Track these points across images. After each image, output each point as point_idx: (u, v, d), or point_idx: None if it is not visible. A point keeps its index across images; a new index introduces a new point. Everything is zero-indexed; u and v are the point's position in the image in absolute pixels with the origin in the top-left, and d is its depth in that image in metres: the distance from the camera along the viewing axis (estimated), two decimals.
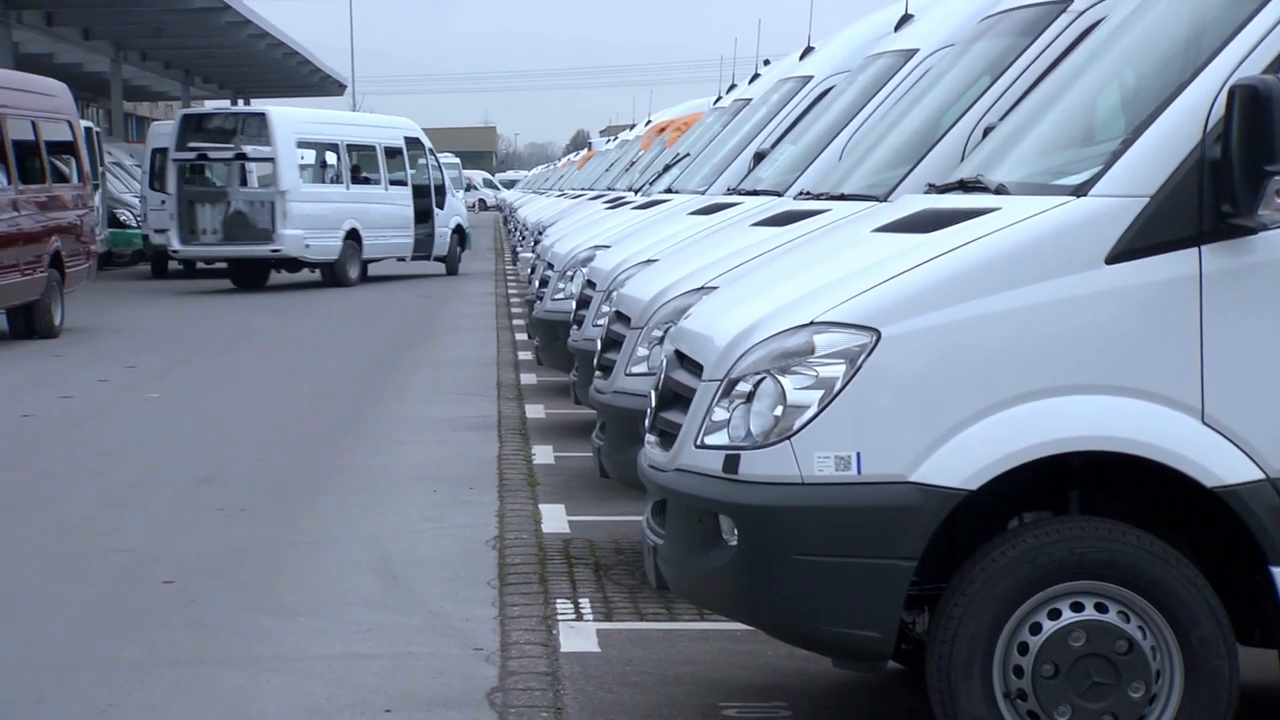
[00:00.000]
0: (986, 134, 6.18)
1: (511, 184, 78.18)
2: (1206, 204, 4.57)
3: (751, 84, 14.24)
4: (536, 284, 14.15)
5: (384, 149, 30.93)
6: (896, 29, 9.29)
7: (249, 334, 20.56)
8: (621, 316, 8.08)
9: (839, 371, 4.61)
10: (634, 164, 20.91)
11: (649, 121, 24.95)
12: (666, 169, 14.26)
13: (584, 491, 9.46)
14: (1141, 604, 4.59)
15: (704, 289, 7.00)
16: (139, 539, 8.49)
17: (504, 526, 8.61)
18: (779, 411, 4.65)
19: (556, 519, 8.79)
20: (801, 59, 11.70)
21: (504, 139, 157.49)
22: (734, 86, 16.42)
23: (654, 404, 5.40)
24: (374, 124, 32.79)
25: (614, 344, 8.00)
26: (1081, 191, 4.70)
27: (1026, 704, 4.60)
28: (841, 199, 7.52)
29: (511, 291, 26.94)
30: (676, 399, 5.22)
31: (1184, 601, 4.58)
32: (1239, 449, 4.57)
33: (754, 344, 4.78)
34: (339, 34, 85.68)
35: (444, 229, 32.15)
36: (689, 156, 13.60)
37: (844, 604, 4.60)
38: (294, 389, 14.93)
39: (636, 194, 15.30)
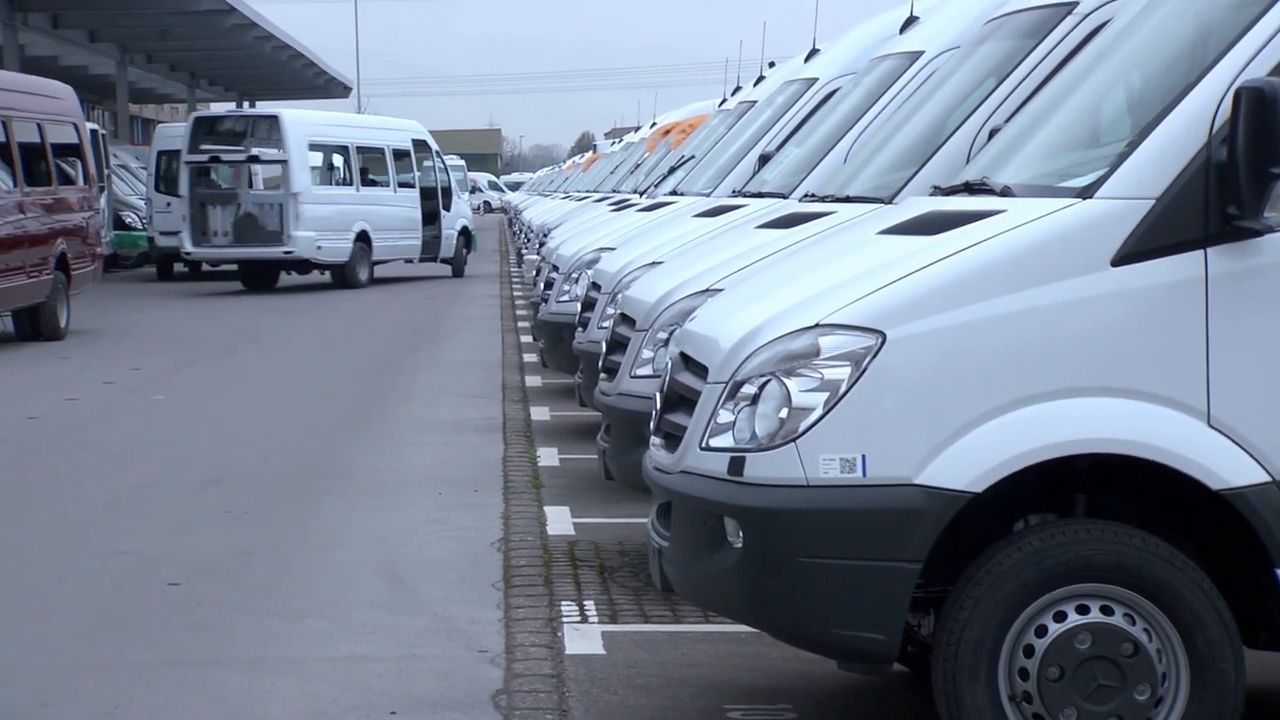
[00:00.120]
0: (992, 136, 6.17)
1: (516, 186, 78.21)
2: (1212, 206, 4.57)
3: (756, 86, 14.23)
4: (541, 286, 14.15)
5: (392, 151, 31.05)
6: (902, 31, 9.28)
7: (254, 336, 20.58)
8: (626, 319, 8.08)
9: (844, 374, 4.61)
10: (639, 166, 20.91)
11: (654, 124, 24.94)
12: (671, 171, 14.26)
13: (589, 494, 9.46)
14: (1147, 607, 4.59)
15: (709, 291, 6.99)
16: (144, 541, 8.50)
17: (509, 529, 8.61)
18: (784, 414, 4.64)
19: (561, 521, 8.79)
20: (806, 61, 11.70)
21: (509, 141, 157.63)
22: (739, 89, 16.41)
23: (659, 406, 5.40)
24: (382, 126, 32.86)
25: (619, 346, 8.00)
26: (1087, 194, 4.69)
27: (1032, 707, 4.59)
28: (847, 201, 7.52)
29: (516, 294, 26.95)
30: (682, 401, 5.22)
31: (1190, 604, 4.58)
32: (1245, 451, 4.57)
33: (759, 346, 4.77)
34: (344, 36, 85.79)
35: (450, 231, 32.24)
36: (694, 159, 13.59)
37: (849, 606, 4.60)
38: (299, 391, 14.94)
39: (641, 196, 15.31)
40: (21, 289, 18.53)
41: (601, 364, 8.22)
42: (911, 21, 9.24)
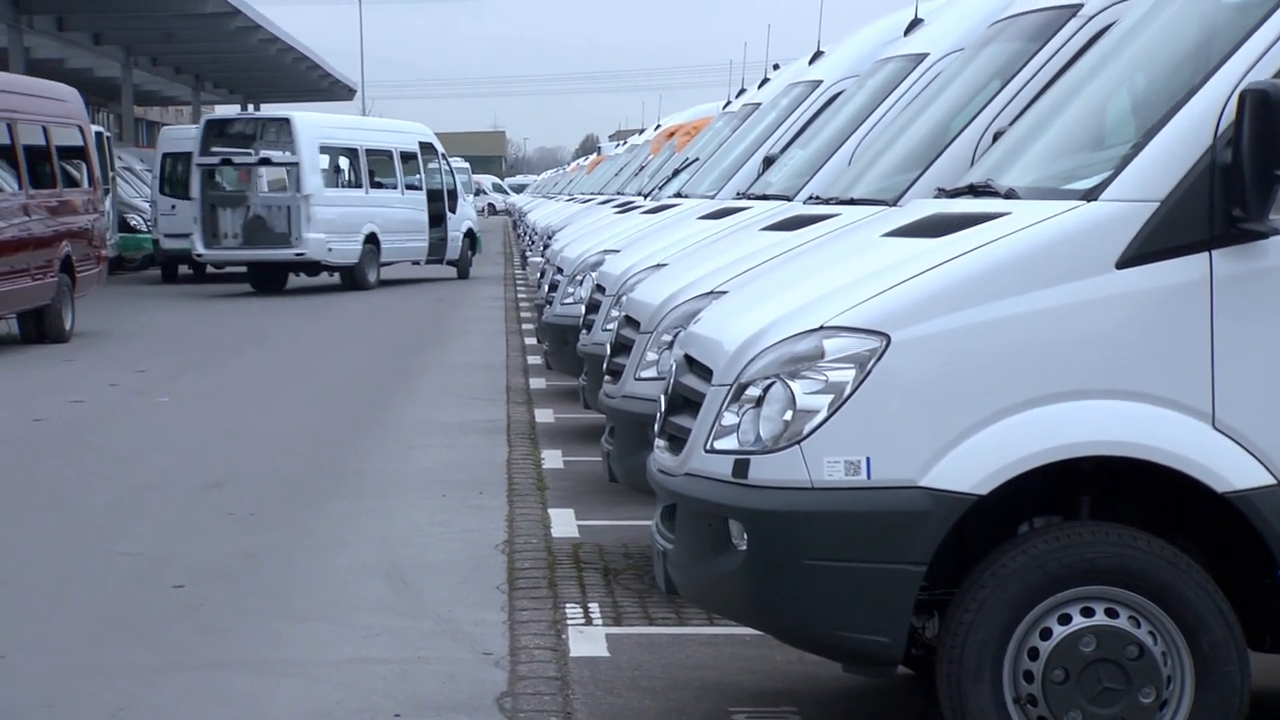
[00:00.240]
0: (996, 138, 6.17)
1: (521, 189, 78.22)
2: (1217, 208, 4.56)
3: (761, 88, 14.24)
4: (546, 288, 14.16)
5: (399, 154, 31.16)
6: (906, 33, 9.28)
7: (259, 338, 20.59)
8: (631, 321, 8.08)
9: (849, 376, 4.61)
10: (643, 168, 20.92)
11: (658, 126, 24.96)
12: (676, 173, 14.26)
13: (593, 496, 9.46)
14: (1152, 609, 4.59)
15: (713, 293, 6.99)
16: (149, 543, 8.50)
17: (513, 531, 8.61)
18: (788, 416, 4.64)
19: (566, 524, 8.79)
20: (811, 63, 11.70)
21: (513, 143, 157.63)
22: (743, 91, 16.41)
23: (663, 408, 5.39)
24: (390, 129, 32.94)
25: (623, 348, 8.00)
26: (1092, 196, 4.69)
27: (1037, 709, 4.59)
28: (851, 203, 7.52)
29: (521, 296, 26.95)
30: (686, 403, 5.22)
31: (1195, 607, 4.57)
32: (1250, 454, 4.56)
33: (763, 348, 4.77)
34: (348, 39, 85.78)
35: (456, 233, 32.35)
36: (698, 161, 13.59)
37: (854, 609, 4.60)
38: (304, 393, 14.95)
39: (646, 198, 15.30)
40: (26, 291, 18.54)
41: (606, 366, 8.22)
42: (916, 24, 9.24)
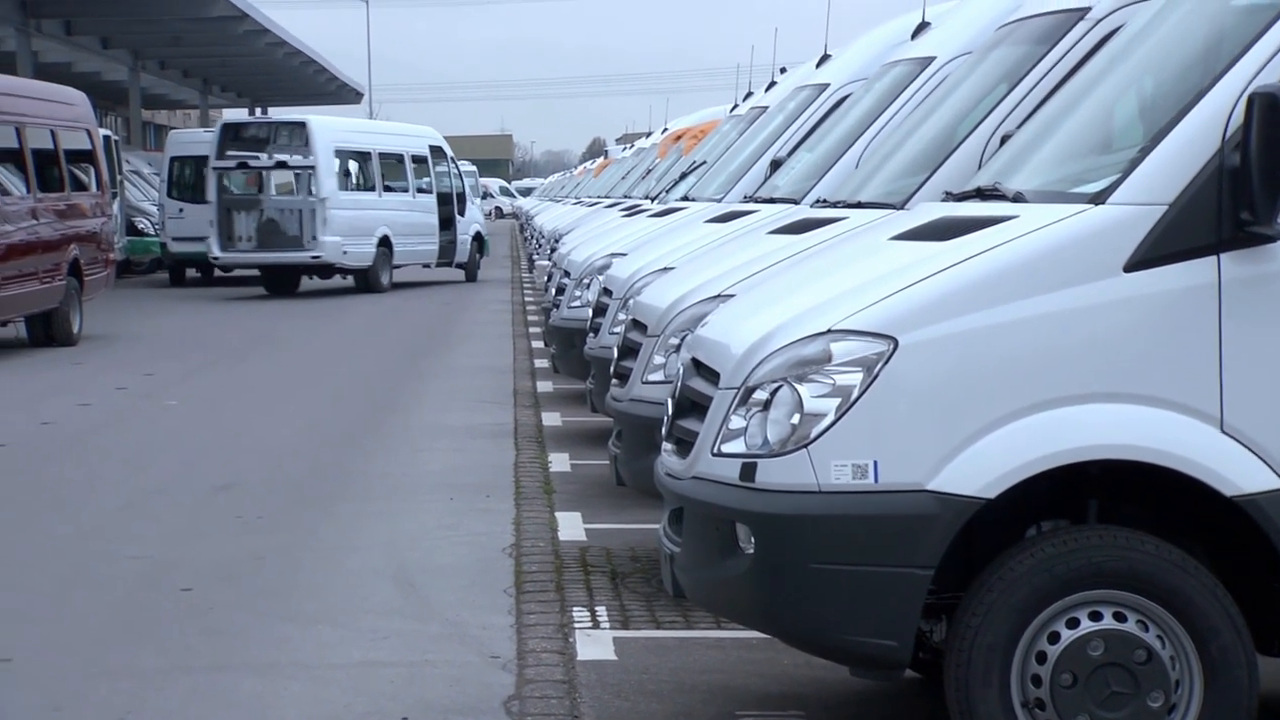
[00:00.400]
0: (1004, 142, 6.17)
1: (528, 192, 78.27)
2: (1225, 212, 4.56)
3: (768, 91, 14.24)
4: (553, 291, 14.17)
5: (410, 157, 31.30)
6: (913, 37, 9.29)
7: (267, 341, 20.60)
8: (638, 324, 8.09)
9: (856, 379, 4.60)
10: (650, 172, 20.92)
11: (665, 129, 24.95)
12: (683, 177, 14.27)
13: (600, 499, 9.46)
14: (1160, 613, 4.58)
15: (720, 297, 6.99)
16: (157, 546, 8.51)
17: (521, 534, 8.61)
18: (796, 419, 4.64)
19: (573, 527, 8.79)
20: (818, 66, 11.71)
21: (520, 147, 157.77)
22: (750, 94, 16.42)
23: (671, 412, 5.39)
24: (401, 133, 33.04)
25: (630, 352, 8.00)
26: (1100, 199, 4.69)
27: (1045, 713, 4.58)
28: (858, 207, 7.52)
29: (528, 299, 26.97)
30: (693, 407, 5.22)
31: (1203, 611, 4.57)
32: (1259, 458, 4.56)
33: (771, 352, 4.77)
34: (356, 42, 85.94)
35: (465, 236, 32.50)
36: (705, 164, 13.60)
37: (861, 612, 4.59)
38: (311, 396, 14.96)
39: (653, 202, 15.31)
40: (34, 295, 18.56)
41: (613, 369, 8.22)
42: (923, 27, 9.24)
